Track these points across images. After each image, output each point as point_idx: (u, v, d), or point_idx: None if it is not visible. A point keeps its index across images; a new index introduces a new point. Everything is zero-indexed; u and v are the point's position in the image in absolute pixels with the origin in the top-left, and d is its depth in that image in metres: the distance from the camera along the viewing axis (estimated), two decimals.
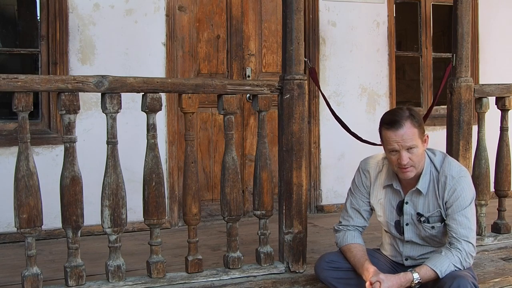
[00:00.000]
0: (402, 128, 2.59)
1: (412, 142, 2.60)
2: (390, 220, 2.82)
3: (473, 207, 2.71)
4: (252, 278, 3.06)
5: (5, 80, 2.55)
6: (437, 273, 2.57)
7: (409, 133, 2.59)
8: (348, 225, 2.88)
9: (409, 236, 2.80)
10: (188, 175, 2.95)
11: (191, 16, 4.74)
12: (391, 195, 2.81)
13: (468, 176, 2.74)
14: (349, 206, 2.91)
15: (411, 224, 2.77)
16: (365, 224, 2.91)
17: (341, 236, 2.87)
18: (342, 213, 2.96)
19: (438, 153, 2.78)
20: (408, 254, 2.84)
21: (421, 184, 2.71)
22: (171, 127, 4.58)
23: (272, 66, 5.06)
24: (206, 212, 4.72)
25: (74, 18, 4.30)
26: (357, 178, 2.91)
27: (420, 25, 5.74)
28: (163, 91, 2.89)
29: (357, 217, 2.89)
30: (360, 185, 2.89)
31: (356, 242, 2.82)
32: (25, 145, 2.59)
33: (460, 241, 2.63)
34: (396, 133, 2.60)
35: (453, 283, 2.49)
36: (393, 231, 2.83)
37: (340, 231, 2.90)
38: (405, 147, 2.60)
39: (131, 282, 2.81)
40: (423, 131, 2.66)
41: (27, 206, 2.57)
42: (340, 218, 2.95)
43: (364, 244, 2.84)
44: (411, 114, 2.63)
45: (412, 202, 2.75)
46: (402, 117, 2.60)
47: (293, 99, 3.09)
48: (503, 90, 3.76)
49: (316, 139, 5.14)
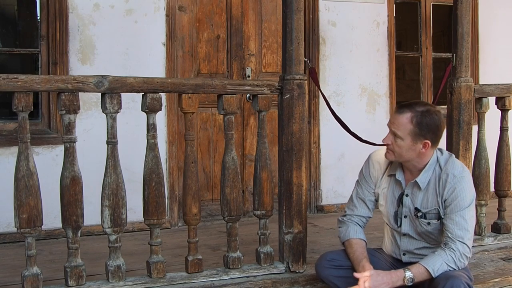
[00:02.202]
0: (400, 114, 2.69)
1: (398, 132, 2.67)
2: (390, 210, 2.86)
3: (473, 209, 2.70)
4: (252, 278, 3.06)
5: (5, 80, 2.55)
6: (429, 271, 2.57)
7: (400, 122, 2.67)
8: (353, 214, 2.92)
9: (405, 229, 2.82)
10: (188, 175, 2.95)
11: (191, 16, 4.74)
12: (394, 185, 2.84)
13: (469, 177, 2.74)
14: (355, 195, 2.96)
15: (408, 217, 2.80)
16: (369, 215, 2.95)
17: (344, 230, 2.89)
18: (347, 203, 3.00)
19: (445, 153, 2.81)
20: (406, 248, 2.86)
21: (421, 178, 2.73)
22: (171, 127, 4.58)
23: (272, 66, 5.06)
24: (206, 212, 4.72)
25: (74, 18, 4.30)
26: (365, 168, 2.95)
27: (420, 25, 5.74)
28: (163, 91, 2.89)
29: (361, 207, 2.92)
30: (367, 175, 2.93)
31: (358, 237, 2.85)
32: (25, 145, 2.59)
33: (454, 241, 2.63)
34: (394, 114, 2.74)
35: (446, 283, 2.49)
36: (391, 222, 2.87)
37: (343, 224, 2.92)
38: (391, 131, 2.71)
39: (131, 282, 2.81)
40: (421, 135, 2.65)
41: (27, 206, 2.57)
42: (345, 208, 3.00)
43: (365, 240, 2.87)
44: (422, 113, 2.65)
45: (412, 195, 2.78)
46: (409, 108, 2.68)
47: (293, 99, 3.09)
48: (503, 90, 3.76)
49: (316, 139, 5.14)
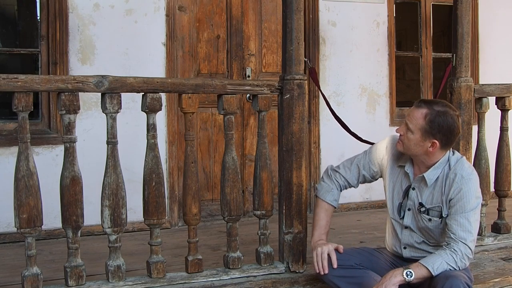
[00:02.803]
0: (416, 109, 2.71)
1: (411, 125, 2.70)
2: (395, 200, 2.88)
3: (478, 213, 2.71)
4: (252, 278, 3.06)
5: (5, 80, 2.55)
6: (429, 270, 2.58)
7: (414, 116, 2.70)
8: (343, 175, 2.98)
9: (407, 222, 2.84)
10: (188, 175, 2.95)
11: (191, 16, 4.74)
12: (403, 176, 2.87)
13: (477, 180, 2.75)
14: (355, 160, 3.01)
15: (412, 210, 2.82)
16: (354, 185, 3.02)
17: (326, 189, 2.98)
18: (345, 161, 3.03)
19: (457, 154, 2.82)
20: (406, 241, 2.87)
21: (429, 174, 2.75)
22: (171, 127, 4.58)
23: (272, 66, 5.06)
24: (206, 212, 4.72)
25: (74, 18, 4.30)
26: (375, 149, 2.98)
27: (420, 25, 5.73)
28: (163, 91, 2.89)
29: (353, 173, 2.99)
30: (373, 157, 2.97)
31: (332, 205, 2.98)
32: (25, 145, 2.59)
33: (457, 242, 2.63)
34: (412, 108, 2.76)
35: (445, 283, 2.49)
36: (395, 213, 2.89)
37: (330, 181, 2.99)
38: (406, 122, 2.73)
39: (131, 282, 2.81)
40: (431, 133, 2.66)
41: (27, 206, 2.57)
42: (340, 164, 3.04)
43: (336, 206, 3.00)
44: (437, 114, 2.66)
45: (419, 189, 2.79)
46: (427, 104, 2.71)
47: (293, 99, 3.09)
48: (503, 90, 3.76)
49: (316, 139, 5.14)
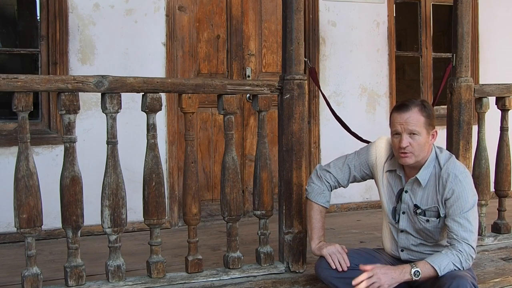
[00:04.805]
0: (409, 111, 2.65)
1: (415, 128, 2.64)
2: (388, 205, 2.87)
3: (476, 211, 2.71)
4: (252, 278, 3.06)
5: (5, 80, 2.55)
6: (435, 269, 2.57)
7: (414, 117, 2.65)
8: (333, 175, 2.94)
9: (403, 225, 2.83)
10: (188, 175, 2.95)
11: (191, 16, 4.74)
12: (394, 180, 2.84)
13: (470, 178, 2.74)
14: (346, 160, 2.96)
15: (407, 213, 2.81)
16: (345, 185, 2.98)
17: (317, 190, 2.94)
18: (336, 160, 2.99)
19: (445, 151, 2.81)
20: (403, 244, 2.86)
21: (422, 174, 2.73)
22: (171, 127, 4.58)
23: (272, 66, 5.06)
24: (206, 212, 4.72)
25: (74, 18, 4.30)
26: (365, 152, 2.94)
27: (420, 25, 5.73)
28: (163, 91, 2.89)
29: (345, 174, 2.95)
30: (364, 160, 2.93)
31: (325, 207, 2.94)
32: (25, 145, 2.59)
33: (461, 243, 2.63)
34: (401, 115, 2.66)
35: (452, 283, 2.49)
36: (390, 217, 2.87)
37: (320, 182, 2.94)
38: (407, 131, 2.65)
39: (131, 282, 2.81)
40: (431, 124, 2.69)
41: (27, 206, 2.57)
42: (330, 163, 3.00)
43: (327, 207, 2.95)
44: (423, 104, 2.69)
45: (412, 192, 2.78)
46: (411, 103, 2.68)
47: (293, 99, 3.09)
48: (503, 90, 3.76)
49: (316, 139, 5.14)
